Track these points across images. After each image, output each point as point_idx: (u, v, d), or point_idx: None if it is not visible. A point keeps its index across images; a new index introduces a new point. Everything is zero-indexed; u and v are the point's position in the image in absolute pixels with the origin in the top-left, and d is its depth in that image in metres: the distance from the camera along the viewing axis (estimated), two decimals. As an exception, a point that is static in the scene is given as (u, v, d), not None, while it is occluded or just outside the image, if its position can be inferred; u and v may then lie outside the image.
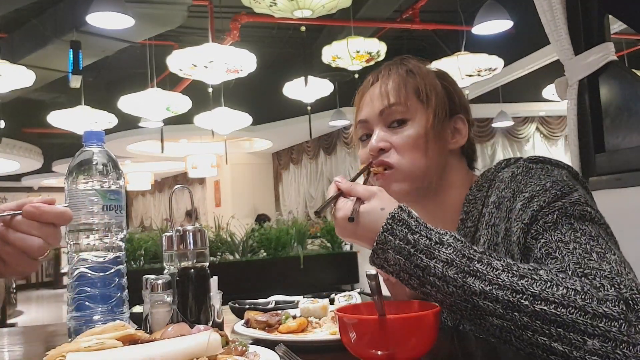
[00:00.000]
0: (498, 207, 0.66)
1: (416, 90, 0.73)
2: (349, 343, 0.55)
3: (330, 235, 4.74)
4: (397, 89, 0.73)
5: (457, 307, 0.53)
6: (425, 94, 0.73)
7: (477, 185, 0.72)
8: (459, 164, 0.77)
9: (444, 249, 0.54)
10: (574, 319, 0.48)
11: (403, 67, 0.76)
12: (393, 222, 0.56)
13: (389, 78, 0.75)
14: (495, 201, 0.66)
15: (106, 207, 0.65)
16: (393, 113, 0.73)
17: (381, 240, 0.56)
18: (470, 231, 0.69)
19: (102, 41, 4.63)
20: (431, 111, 0.72)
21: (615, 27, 2.90)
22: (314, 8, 3.15)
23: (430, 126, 0.72)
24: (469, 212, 0.71)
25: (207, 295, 0.68)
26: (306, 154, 8.20)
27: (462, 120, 0.76)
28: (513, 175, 0.66)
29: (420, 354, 0.55)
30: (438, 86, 0.74)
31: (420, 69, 0.75)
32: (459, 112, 0.76)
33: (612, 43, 1.13)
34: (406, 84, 0.74)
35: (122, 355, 0.48)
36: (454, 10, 4.71)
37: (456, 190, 0.74)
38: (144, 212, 12.18)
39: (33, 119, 7.17)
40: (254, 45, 4.62)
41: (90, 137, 0.68)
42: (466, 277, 0.52)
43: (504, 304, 0.50)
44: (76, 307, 0.64)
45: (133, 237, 4.20)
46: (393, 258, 0.56)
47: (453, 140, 0.75)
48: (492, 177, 0.71)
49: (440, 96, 0.74)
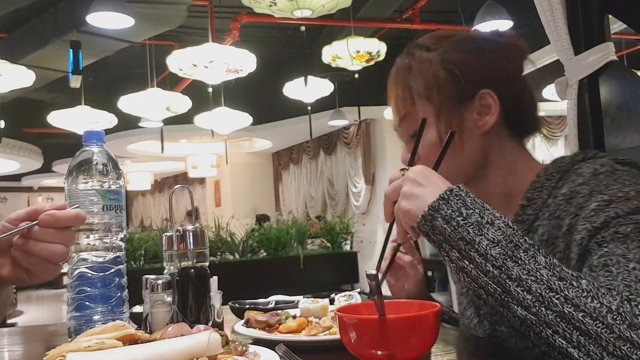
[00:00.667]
0: (568, 201, 0.60)
1: (419, 91, 0.69)
2: (349, 343, 0.55)
3: (330, 235, 4.74)
4: (403, 99, 0.70)
5: (487, 288, 0.52)
6: (426, 91, 0.68)
7: (547, 175, 0.66)
8: (502, 142, 0.70)
9: (493, 230, 0.53)
10: (598, 333, 0.47)
11: (406, 65, 0.70)
12: (450, 194, 0.56)
13: (396, 85, 0.71)
14: (566, 194, 0.61)
15: (106, 207, 0.65)
16: (407, 126, 0.71)
17: (434, 206, 0.55)
18: (529, 219, 0.65)
19: (102, 41, 4.63)
20: (436, 107, 0.67)
21: (615, 27, 2.89)
22: (314, 8, 3.15)
23: (441, 124, 0.67)
24: (531, 200, 0.66)
25: (207, 295, 0.68)
26: (306, 154, 8.20)
27: (490, 95, 0.67)
28: (595, 173, 0.60)
29: (420, 353, 0.55)
30: (440, 74, 0.67)
31: (421, 62, 0.69)
32: (484, 85, 0.67)
33: (612, 43, 1.13)
34: (409, 88, 0.69)
35: (122, 355, 0.48)
36: (454, 10, 4.72)
37: (501, 172, 0.69)
38: (144, 212, 12.18)
39: (33, 119, 7.18)
40: (254, 45, 4.62)
41: (90, 137, 0.68)
42: (507, 260, 0.51)
43: (535, 296, 0.49)
44: (76, 307, 0.64)
45: (133, 237, 4.20)
46: (440, 226, 0.55)
47: (481, 122, 0.68)
48: (565, 168, 0.65)
49: (442, 86, 0.67)
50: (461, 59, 0.68)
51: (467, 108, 0.68)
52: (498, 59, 0.69)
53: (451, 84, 0.67)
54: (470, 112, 0.68)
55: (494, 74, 0.68)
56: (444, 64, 0.68)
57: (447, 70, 0.67)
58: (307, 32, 4.15)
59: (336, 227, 4.89)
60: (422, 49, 0.70)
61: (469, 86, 0.68)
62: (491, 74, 0.68)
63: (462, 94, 0.68)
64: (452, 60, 0.68)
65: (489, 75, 0.68)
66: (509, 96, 0.69)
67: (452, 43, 0.69)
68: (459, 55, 0.68)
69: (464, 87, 0.67)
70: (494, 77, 0.68)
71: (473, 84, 0.68)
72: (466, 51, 0.69)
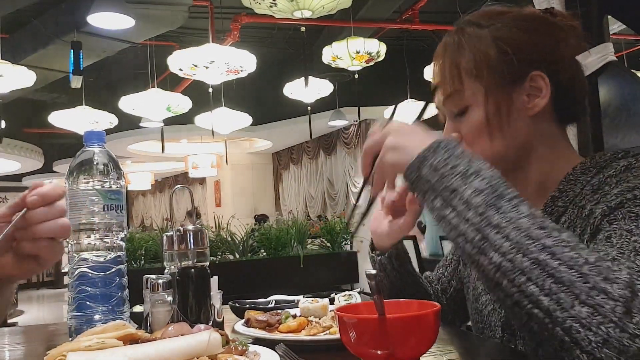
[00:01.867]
0: (595, 191, 0.60)
1: (468, 68, 0.65)
2: (349, 342, 0.55)
3: (330, 235, 4.74)
4: (450, 75, 0.66)
5: (466, 235, 0.51)
6: (475, 68, 0.65)
7: (583, 168, 0.64)
8: (547, 128, 0.67)
9: (478, 179, 0.52)
10: (572, 280, 0.45)
11: (456, 41, 0.67)
12: (439, 144, 0.55)
13: (444, 61, 0.68)
14: (594, 184, 0.61)
15: (107, 207, 0.65)
16: (452, 104, 0.67)
17: (422, 155, 0.55)
18: (559, 210, 0.64)
19: (103, 42, 4.64)
20: (485, 86, 0.64)
21: (614, 27, 2.90)
22: (314, 9, 3.15)
23: (490, 104, 0.64)
24: (563, 192, 0.64)
25: (207, 295, 0.68)
26: (306, 154, 8.20)
27: (541, 77, 0.64)
28: (628, 166, 0.59)
29: (420, 353, 0.55)
30: (491, 52, 0.64)
31: (472, 39, 0.66)
32: (536, 67, 0.64)
33: (611, 44, 1.13)
34: (458, 65, 0.66)
35: (123, 354, 0.48)
36: (454, 11, 4.71)
37: (545, 162, 0.67)
38: (144, 212, 12.19)
39: (34, 119, 7.18)
40: (254, 45, 4.62)
41: (91, 137, 0.69)
42: (488, 208, 0.50)
43: (512, 242, 0.48)
44: (77, 307, 0.64)
45: (133, 237, 4.20)
46: (426, 175, 0.55)
47: (530, 104, 0.65)
48: (603, 164, 0.63)
49: (493, 64, 0.64)
50: (514, 38, 0.65)
51: (516, 89, 0.65)
52: (551, 40, 0.66)
53: (503, 63, 0.64)
54: (520, 94, 0.65)
55: (547, 55, 0.65)
56: (497, 41, 0.65)
57: (499, 49, 0.64)
58: (307, 33, 4.15)
59: (336, 227, 4.89)
60: (473, 26, 0.67)
61: (520, 66, 0.64)
62: (544, 56, 0.65)
63: (513, 73, 0.65)
64: (505, 39, 0.65)
65: (541, 56, 0.65)
66: (560, 79, 0.66)
67: (505, 21, 0.66)
68: (512, 34, 0.65)
69: (516, 67, 0.64)
70: (547, 59, 0.65)
71: (525, 64, 0.65)
72: (520, 30, 0.65)
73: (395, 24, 5.19)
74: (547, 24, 0.67)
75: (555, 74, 0.65)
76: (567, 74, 0.67)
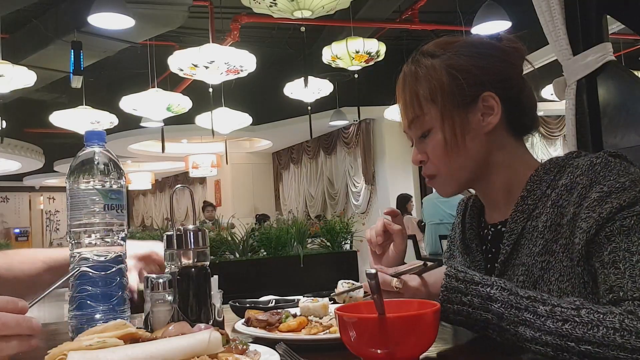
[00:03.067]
0: (569, 191, 0.66)
1: (425, 95, 0.73)
2: (349, 342, 0.56)
3: (330, 234, 4.74)
4: (411, 103, 0.74)
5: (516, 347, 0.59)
6: (431, 95, 0.72)
7: (545, 169, 0.72)
8: (503, 141, 0.74)
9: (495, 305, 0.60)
10: (615, 356, 0.53)
11: (413, 72, 0.75)
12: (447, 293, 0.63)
13: (404, 90, 0.75)
14: (567, 184, 0.67)
15: (107, 207, 0.66)
16: (416, 128, 0.75)
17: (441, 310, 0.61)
18: (529, 208, 0.71)
19: (103, 41, 4.64)
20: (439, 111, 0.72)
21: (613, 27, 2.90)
22: (314, 9, 3.15)
23: (446, 126, 0.72)
24: (531, 191, 0.71)
25: (207, 294, 0.68)
26: (306, 154, 8.20)
27: (492, 97, 0.72)
28: (592, 164, 0.66)
29: (420, 352, 0.55)
30: (443, 78, 0.72)
31: (427, 69, 0.73)
32: (486, 88, 0.72)
33: (610, 43, 1.13)
34: (417, 92, 0.73)
35: (123, 353, 0.48)
36: (453, 10, 4.72)
37: (506, 169, 0.74)
38: (144, 212, 12.19)
39: (35, 119, 7.18)
40: (254, 45, 4.62)
41: (91, 137, 0.69)
42: (517, 327, 0.58)
43: (553, 347, 0.56)
44: (77, 306, 0.64)
45: (134, 237, 4.20)
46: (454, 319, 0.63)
47: (485, 122, 0.73)
48: (562, 163, 0.71)
49: (446, 89, 0.72)
50: (463, 64, 0.72)
51: (471, 110, 0.72)
52: (498, 62, 0.74)
53: (455, 88, 0.72)
54: (474, 114, 0.72)
55: (495, 76, 0.73)
56: (448, 69, 0.72)
57: (450, 75, 0.72)
58: (307, 33, 4.15)
59: (336, 227, 4.89)
60: (427, 56, 0.74)
61: (471, 89, 0.72)
62: (492, 77, 0.73)
63: (465, 97, 0.72)
64: (455, 66, 0.72)
65: (490, 78, 0.72)
66: (509, 97, 0.73)
67: (454, 49, 0.74)
68: (461, 61, 0.73)
69: (467, 91, 0.72)
70: (494, 79, 0.73)
71: (475, 87, 0.72)
72: (468, 56, 0.73)
73: (395, 23, 5.19)
74: (493, 48, 0.75)
75: (504, 92, 0.73)
76: (515, 91, 0.74)
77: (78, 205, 0.65)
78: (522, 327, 0.58)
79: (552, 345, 0.56)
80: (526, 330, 0.58)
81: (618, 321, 0.54)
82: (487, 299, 0.60)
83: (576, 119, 1.16)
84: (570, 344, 0.55)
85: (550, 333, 0.56)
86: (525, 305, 0.59)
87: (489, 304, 0.60)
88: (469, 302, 0.61)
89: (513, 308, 0.59)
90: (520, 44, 0.76)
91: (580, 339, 0.55)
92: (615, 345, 0.53)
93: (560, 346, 0.56)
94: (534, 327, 0.57)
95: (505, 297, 0.60)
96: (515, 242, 0.71)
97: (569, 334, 0.55)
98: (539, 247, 0.68)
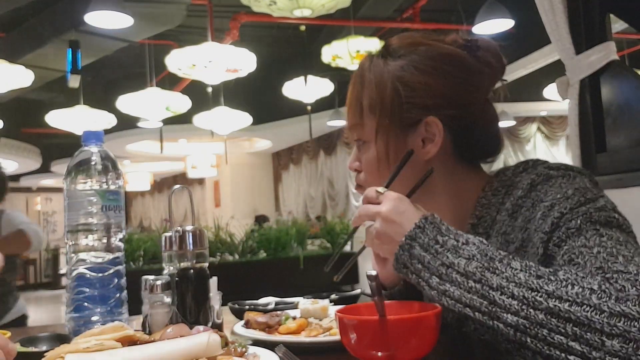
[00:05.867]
0: (512, 216, 0.61)
1: (366, 104, 0.66)
2: (350, 344, 0.55)
3: (330, 235, 4.74)
4: (353, 108, 0.67)
5: (472, 304, 0.52)
6: (370, 107, 0.65)
7: (492, 190, 0.65)
8: (448, 168, 0.66)
9: (468, 247, 0.54)
10: (589, 317, 0.46)
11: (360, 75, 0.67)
12: (425, 222, 0.56)
13: (350, 92, 0.68)
14: (509, 208, 0.61)
15: (105, 208, 0.65)
16: (353, 135, 0.69)
17: (411, 236, 0.56)
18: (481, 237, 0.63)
19: (101, 41, 4.63)
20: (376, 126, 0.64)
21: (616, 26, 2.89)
22: (314, 7, 3.15)
23: (380, 144, 0.64)
24: (480, 217, 0.65)
25: (206, 296, 0.68)
26: (306, 154, 8.20)
27: (435, 123, 0.63)
28: (532, 184, 0.60)
29: (421, 355, 0.54)
30: (386, 92, 0.63)
31: (374, 75, 0.65)
32: (431, 113, 0.63)
33: (613, 42, 1.13)
34: (361, 98, 0.66)
35: (121, 356, 0.48)
36: (455, 9, 4.71)
37: (448, 197, 0.67)
38: (143, 213, 12.19)
39: (32, 119, 7.17)
40: (253, 44, 4.61)
41: (89, 137, 0.68)
42: (485, 272, 0.51)
43: (519, 300, 0.49)
44: (75, 308, 0.64)
45: (132, 238, 4.20)
46: (418, 255, 0.55)
47: (424, 149, 0.64)
48: (509, 182, 0.64)
49: (387, 105, 0.63)
50: (412, 80, 0.63)
51: (411, 133, 0.64)
52: (457, 85, 0.64)
53: (397, 106, 0.63)
54: (415, 138, 0.64)
55: (444, 101, 0.63)
56: (394, 82, 0.64)
57: (395, 90, 0.63)
58: (307, 32, 4.15)
59: (336, 228, 4.89)
60: (384, 56, 0.66)
61: (413, 111, 0.63)
62: (440, 101, 0.63)
63: (406, 117, 0.64)
64: (403, 80, 0.63)
65: (438, 102, 0.63)
66: (460, 125, 0.65)
67: (412, 56, 0.64)
68: (412, 76, 0.63)
69: (409, 111, 0.63)
70: (443, 104, 0.63)
71: (418, 109, 0.63)
72: (422, 71, 0.63)
73: (396, 22, 5.19)
74: (456, 65, 0.64)
75: (454, 120, 0.64)
76: (469, 119, 0.65)
77: (75, 206, 0.64)
78: (491, 273, 0.51)
79: (518, 298, 0.49)
80: (494, 277, 0.51)
81: (597, 283, 0.48)
82: (464, 243, 0.54)
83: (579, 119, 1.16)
84: (539, 299, 0.48)
85: (519, 284, 0.49)
86: (499, 257, 0.52)
87: (463, 247, 0.53)
88: (442, 242, 0.54)
89: (486, 256, 0.52)
90: (500, 57, 0.66)
91: (550, 294, 0.48)
92: (589, 305, 0.46)
93: (527, 300, 0.48)
94: (503, 276, 0.50)
95: (482, 246, 0.53)
96: None
97: (538, 287, 0.49)
98: None
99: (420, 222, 0.56)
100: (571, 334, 0.47)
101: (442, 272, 0.54)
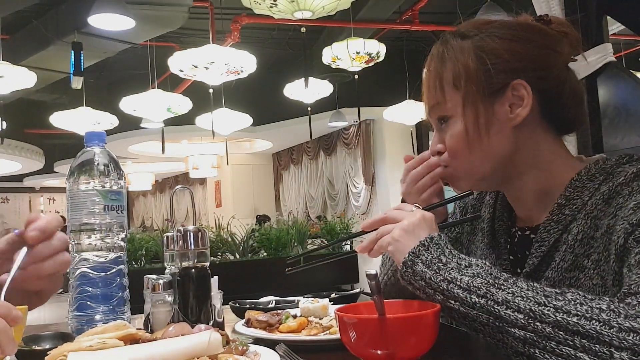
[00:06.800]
0: (606, 201, 0.59)
1: (449, 79, 0.65)
2: (349, 342, 0.56)
3: (330, 235, 4.74)
4: (433, 87, 0.67)
5: (479, 320, 0.52)
6: (454, 80, 0.65)
7: (589, 175, 0.62)
8: (537, 138, 0.65)
9: (471, 268, 0.54)
10: (597, 331, 0.46)
11: (440, 52, 0.67)
12: (431, 241, 0.57)
13: (428, 73, 0.68)
14: (605, 193, 0.59)
15: (107, 208, 0.66)
16: (435, 115, 0.68)
17: (414, 252, 0.57)
18: (566, 219, 0.62)
19: (104, 42, 4.64)
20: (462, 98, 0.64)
21: (613, 28, 2.90)
22: (314, 9, 3.15)
23: (468, 115, 0.64)
24: (570, 199, 0.62)
25: (208, 295, 0.68)
26: (306, 155, 8.20)
27: (523, 86, 0.63)
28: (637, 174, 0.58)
29: (420, 353, 0.55)
30: (469, 62, 0.64)
31: (454, 50, 0.65)
32: (518, 76, 0.63)
33: (610, 44, 1.13)
34: (441, 76, 0.66)
35: (124, 354, 0.48)
36: (453, 11, 4.72)
37: (540, 171, 0.65)
38: (145, 213, 12.18)
39: (35, 120, 7.18)
40: (254, 46, 4.63)
41: (91, 138, 0.69)
42: (490, 287, 0.52)
43: (525, 313, 0.49)
44: (78, 307, 0.64)
45: (134, 237, 4.21)
46: (421, 271, 0.56)
47: (512, 114, 0.63)
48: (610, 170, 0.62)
49: (472, 74, 0.63)
50: (494, 47, 0.64)
51: (498, 99, 0.64)
52: (537, 48, 0.64)
53: (481, 73, 0.63)
54: (502, 104, 0.64)
55: (529, 63, 0.64)
56: (476, 51, 0.64)
57: (478, 59, 0.64)
58: (307, 34, 4.15)
59: (336, 227, 4.89)
60: (457, 37, 0.67)
61: (499, 76, 0.63)
62: (525, 64, 0.63)
63: (492, 84, 0.64)
64: (485, 48, 0.64)
65: (523, 65, 0.63)
66: (546, 88, 0.64)
67: (489, 30, 0.65)
68: (492, 43, 0.64)
69: (495, 77, 0.63)
70: (529, 67, 0.63)
71: (505, 73, 0.63)
72: (501, 39, 0.64)
73: (395, 24, 5.19)
74: (535, 32, 0.65)
75: (540, 82, 0.64)
76: (555, 82, 0.65)
77: (78, 206, 0.65)
78: (495, 289, 0.51)
79: (524, 312, 0.48)
80: (499, 292, 0.50)
81: (605, 304, 0.48)
82: (467, 265, 0.54)
83: (576, 120, 1.16)
84: (546, 312, 0.48)
85: (525, 299, 0.49)
86: (505, 277, 0.52)
87: (466, 267, 0.54)
88: (445, 261, 0.55)
89: (491, 274, 0.53)
90: (573, 29, 0.66)
91: (558, 308, 0.48)
92: (598, 321, 0.46)
93: (534, 313, 0.48)
94: (508, 291, 0.50)
95: (486, 266, 0.54)
96: (545, 255, 0.63)
97: (546, 302, 0.48)
98: (568, 263, 0.60)
99: (425, 241, 0.57)
100: (579, 346, 0.46)
101: (444, 287, 0.54)
